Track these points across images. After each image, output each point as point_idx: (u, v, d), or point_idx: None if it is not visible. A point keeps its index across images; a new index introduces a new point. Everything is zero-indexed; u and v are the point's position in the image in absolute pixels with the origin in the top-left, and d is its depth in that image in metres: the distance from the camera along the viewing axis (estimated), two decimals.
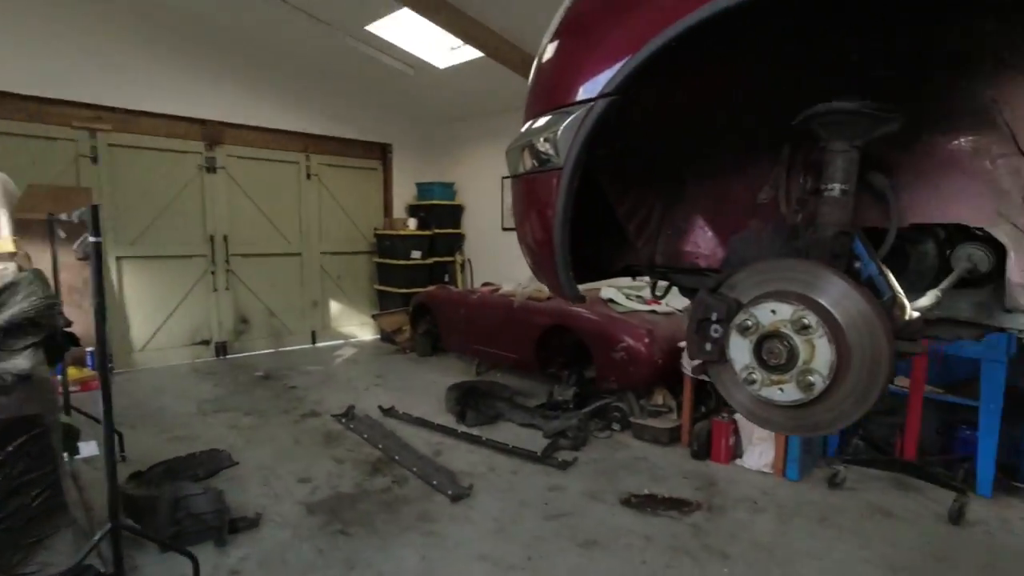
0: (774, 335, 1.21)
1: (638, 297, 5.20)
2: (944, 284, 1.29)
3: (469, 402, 5.06)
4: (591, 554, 3.06)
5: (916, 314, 1.18)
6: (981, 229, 1.40)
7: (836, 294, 1.19)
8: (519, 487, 3.81)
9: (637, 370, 4.53)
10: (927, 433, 4.14)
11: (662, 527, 3.32)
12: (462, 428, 4.79)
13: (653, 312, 4.97)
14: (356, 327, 8.77)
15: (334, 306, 8.52)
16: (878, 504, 3.60)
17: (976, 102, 1.19)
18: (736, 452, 4.19)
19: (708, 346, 1.35)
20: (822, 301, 1.19)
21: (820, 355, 1.16)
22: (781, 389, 1.22)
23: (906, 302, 1.19)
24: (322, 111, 7.92)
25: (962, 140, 1.24)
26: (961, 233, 1.52)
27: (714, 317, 1.32)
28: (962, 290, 1.35)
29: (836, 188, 1.26)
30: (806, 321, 1.16)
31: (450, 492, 3.65)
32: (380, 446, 4.40)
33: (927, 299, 1.24)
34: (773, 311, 1.21)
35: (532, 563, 2.98)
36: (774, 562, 2.99)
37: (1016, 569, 2.97)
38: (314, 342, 8.28)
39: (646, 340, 4.52)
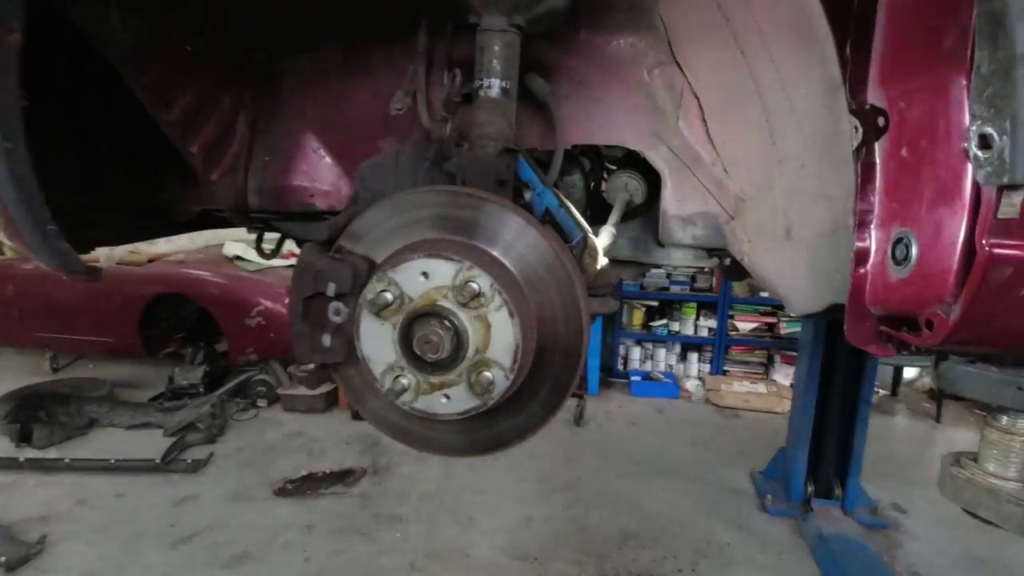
0: (429, 313, 0.82)
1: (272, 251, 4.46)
2: (614, 218, 1.13)
3: (36, 414, 3.58)
4: (241, 571, 2.46)
5: (606, 261, 0.96)
6: (628, 155, 1.32)
7: (514, 241, 0.85)
8: (130, 514, 2.85)
9: (280, 335, 3.89)
10: None
11: (326, 509, 2.92)
12: (28, 454, 3.36)
13: (292, 267, 4.34)
14: None
15: None
16: None
17: None
18: None
19: (327, 339, 0.90)
20: (495, 253, 0.85)
21: (500, 337, 0.81)
22: (446, 396, 0.84)
23: (599, 245, 0.96)
24: None
25: (621, 41, 1.08)
26: (600, 161, 1.46)
27: (332, 291, 0.88)
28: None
29: (495, 85, 0.95)
30: (476, 286, 0.79)
31: (3, 559, 2.45)
32: None
33: (605, 237, 1.06)
34: (425, 274, 0.81)
35: None
36: (444, 508, 2.95)
37: (616, 445, 3.66)
38: None
39: (286, 300, 3.90)
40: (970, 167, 0.55)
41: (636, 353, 4.71)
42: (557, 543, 2.72)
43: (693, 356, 4.64)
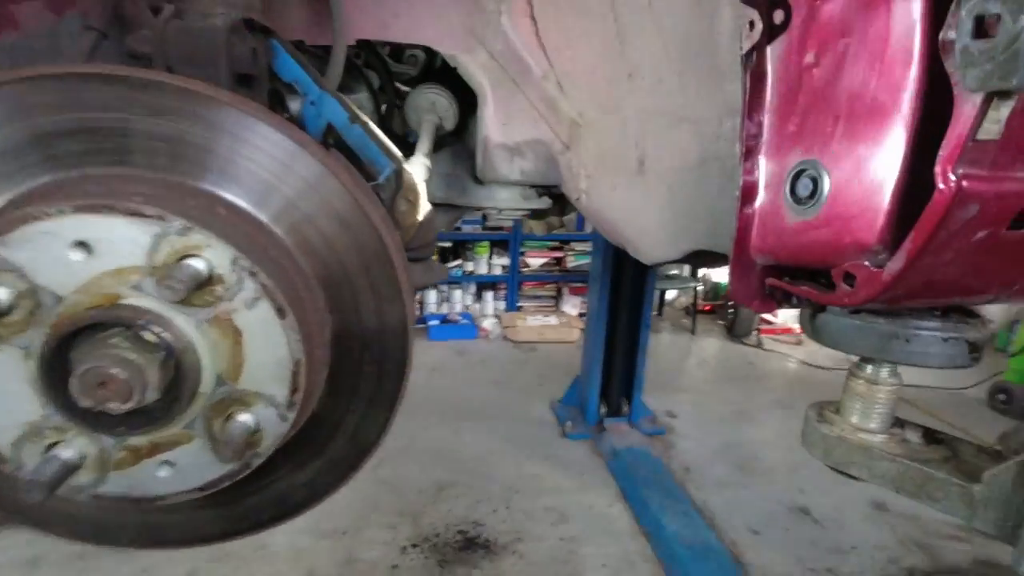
0: (103, 323, 0.46)
1: None
2: (424, 147, 0.86)
3: None
4: None
5: (429, 206, 0.68)
6: (429, 67, 1.07)
7: (279, 179, 0.52)
8: None
9: None
10: None
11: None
12: None
13: None
14: None
15: None
16: None
17: None
18: None
19: None
20: (241, 202, 0.51)
21: (261, 352, 0.49)
22: (168, 462, 0.51)
23: (419, 185, 0.66)
24: None
25: None
26: (390, 78, 1.17)
27: None
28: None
29: None
30: (202, 264, 0.45)
31: None
32: None
33: (420, 170, 0.78)
34: (84, 245, 0.45)
35: None
36: None
37: (419, 395, 3.51)
38: None
39: None
40: (915, 73, 0.42)
41: (432, 296, 4.56)
42: (367, 510, 2.52)
43: (488, 295, 4.66)
